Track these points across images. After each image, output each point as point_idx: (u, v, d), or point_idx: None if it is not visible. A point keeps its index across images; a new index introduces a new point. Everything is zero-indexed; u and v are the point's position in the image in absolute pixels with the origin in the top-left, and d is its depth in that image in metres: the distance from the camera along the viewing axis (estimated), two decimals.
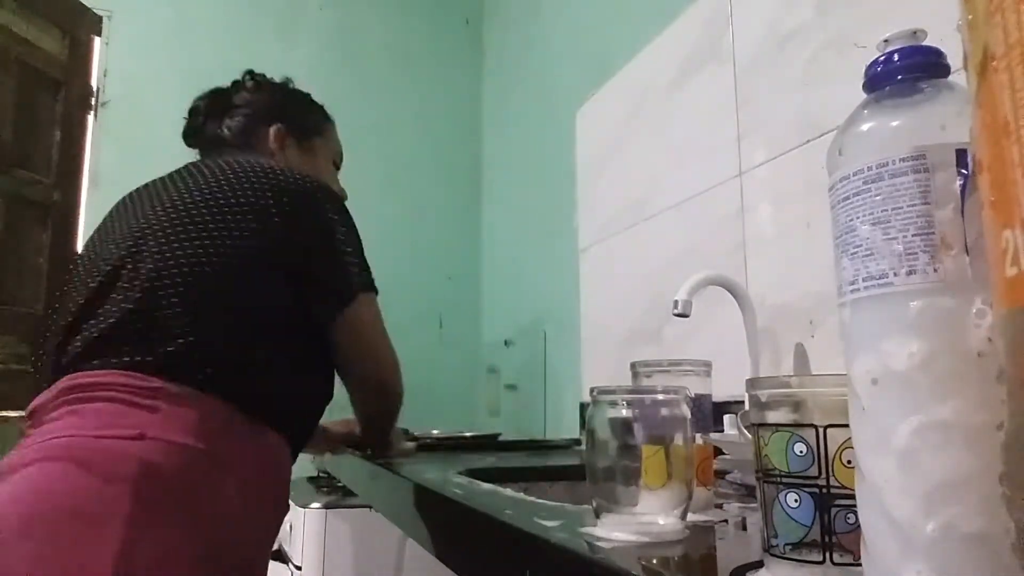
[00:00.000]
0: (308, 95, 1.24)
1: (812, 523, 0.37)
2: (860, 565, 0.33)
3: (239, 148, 1.09)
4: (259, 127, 1.13)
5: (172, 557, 0.70)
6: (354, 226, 0.99)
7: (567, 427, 1.77)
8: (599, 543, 0.47)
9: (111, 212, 0.98)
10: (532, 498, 0.70)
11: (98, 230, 0.97)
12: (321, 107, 1.24)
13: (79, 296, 0.85)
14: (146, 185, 0.98)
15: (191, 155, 1.12)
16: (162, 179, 0.97)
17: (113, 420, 0.74)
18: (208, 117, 1.14)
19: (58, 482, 0.69)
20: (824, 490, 0.37)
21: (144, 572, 0.67)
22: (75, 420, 0.75)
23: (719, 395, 0.74)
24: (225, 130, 1.12)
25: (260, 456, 0.84)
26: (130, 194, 0.98)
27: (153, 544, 0.69)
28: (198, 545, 0.73)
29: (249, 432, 0.83)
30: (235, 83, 1.18)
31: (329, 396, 1.00)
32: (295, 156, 1.15)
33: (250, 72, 1.21)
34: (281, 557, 1.58)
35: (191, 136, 1.15)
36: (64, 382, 0.78)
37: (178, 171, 0.97)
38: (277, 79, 1.22)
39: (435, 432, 1.61)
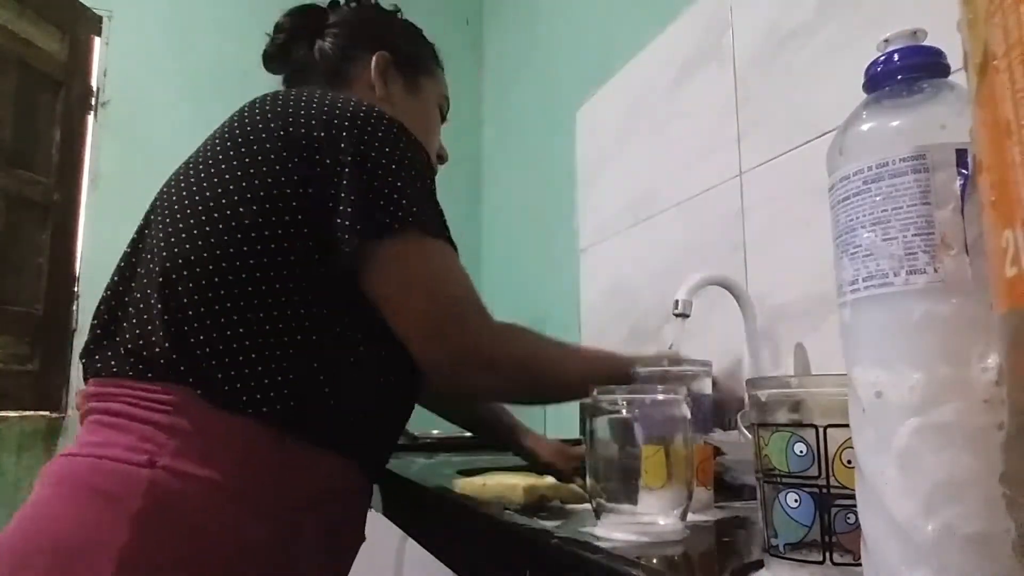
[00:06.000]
0: (419, 28, 1.01)
1: (812, 523, 0.37)
2: (860, 565, 0.33)
3: (330, 75, 0.89)
4: (358, 52, 0.90)
5: None
6: (412, 157, 0.73)
7: (567, 427, 1.77)
8: (599, 543, 0.47)
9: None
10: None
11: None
12: (432, 44, 1.01)
13: (108, 287, 0.75)
14: None
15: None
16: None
17: (123, 439, 0.63)
18: (293, 36, 0.92)
19: (58, 508, 0.62)
20: (824, 490, 0.37)
21: None
22: (91, 435, 0.66)
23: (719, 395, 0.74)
24: (316, 53, 0.90)
25: (302, 485, 0.68)
26: None
27: None
28: None
29: (287, 457, 0.67)
30: (332, 2, 0.96)
31: (402, 396, 0.78)
32: (399, 93, 0.91)
33: None
34: None
35: (270, 59, 0.94)
36: (90, 386, 0.70)
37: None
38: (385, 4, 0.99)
39: (435, 432, 1.61)
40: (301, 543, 0.67)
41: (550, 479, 0.64)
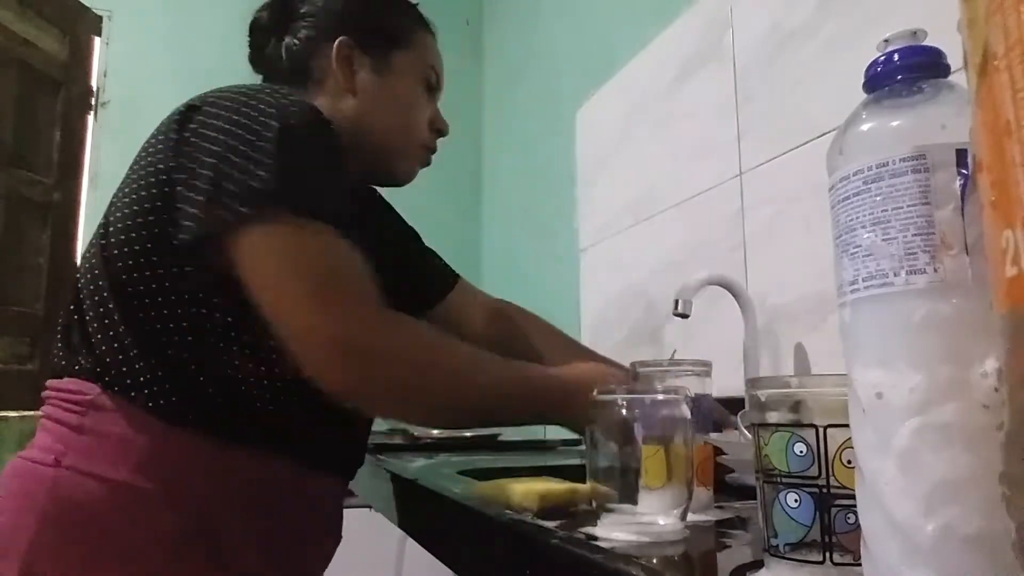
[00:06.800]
0: None
1: (812, 523, 0.37)
2: (860, 565, 0.33)
3: (297, 75, 0.82)
4: (321, 44, 0.82)
5: None
6: (280, 130, 0.64)
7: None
8: (599, 543, 0.47)
9: None
10: None
11: None
12: (411, 6, 0.90)
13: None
14: None
15: None
16: None
17: (43, 439, 0.66)
18: (271, 33, 0.85)
19: None
20: (824, 490, 0.37)
21: None
22: (35, 436, 0.70)
23: (719, 395, 0.74)
24: (283, 52, 0.83)
25: (222, 480, 0.66)
26: None
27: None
28: None
29: (207, 454, 0.65)
30: None
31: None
32: (367, 78, 0.82)
33: None
34: None
35: (251, 62, 0.88)
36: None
37: None
38: None
39: (435, 432, 1.61)
40: (227, 538, 0.65)
41: (567, 484, 0.62)
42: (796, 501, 0.38)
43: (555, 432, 1.85)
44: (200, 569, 0.65)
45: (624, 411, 0.53)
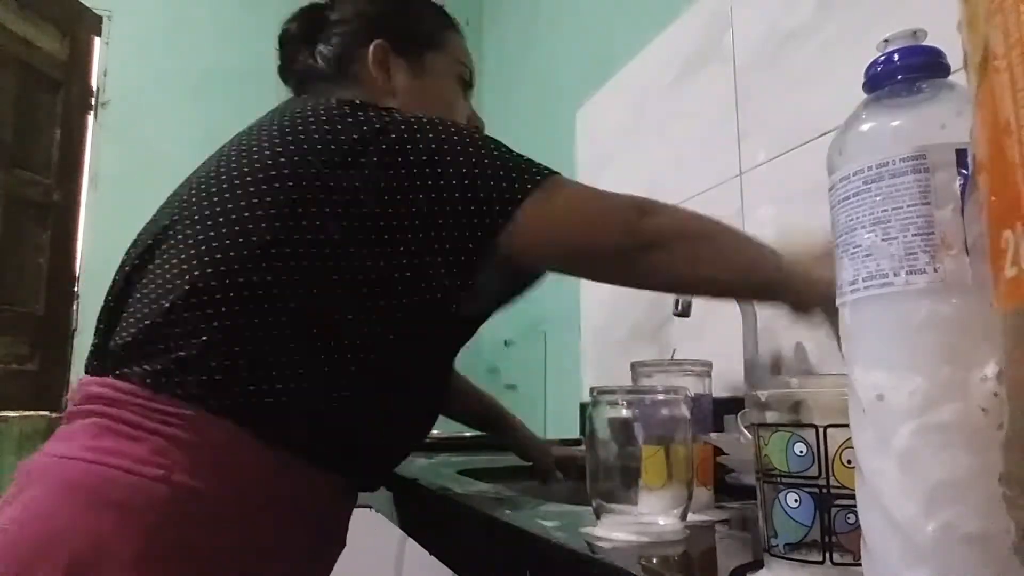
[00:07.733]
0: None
1: (812, 523, 0.37)
2: (860, 565, 0.33)
3: (338, 80, 0.84)
4: (357, 48, 0.84)
5: None
6: (477, 145, 0.72)
7: (567, 427, 1.77)
8: (599, 543, 0.47)
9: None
10: (532, 498, 0.70)
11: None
12: (439, 9, 0.94)
13: (118, 281, 0.72)
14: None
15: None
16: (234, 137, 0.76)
17: (135, 450, 0.61)
18: (294, 44, 0.87)
19: (69, 518, 0.59)
20: (824, 490, 0.37)
21: None
22: (95, 440, 0.62)
23: (719, 395, 0.74)
24: (318, 59, 0.85)
25: (293, 502, 0.67)
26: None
27: None
28: None
29: (283, 473, 0.66)
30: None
31: (420, 426, 0.77)
32: (404, 80, 0.85)
33: None
34: None
35: (280, 72, 0.89)
36: (94, 385, 0.66)
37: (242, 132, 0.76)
38: None
39: (435, 432, 1.60)
40: (287, 557, 0.67)
41: None
42: (796, 501, 0.38)
43: (554, 432, 1.85)
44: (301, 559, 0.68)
45: (624, 411, 0.53)
